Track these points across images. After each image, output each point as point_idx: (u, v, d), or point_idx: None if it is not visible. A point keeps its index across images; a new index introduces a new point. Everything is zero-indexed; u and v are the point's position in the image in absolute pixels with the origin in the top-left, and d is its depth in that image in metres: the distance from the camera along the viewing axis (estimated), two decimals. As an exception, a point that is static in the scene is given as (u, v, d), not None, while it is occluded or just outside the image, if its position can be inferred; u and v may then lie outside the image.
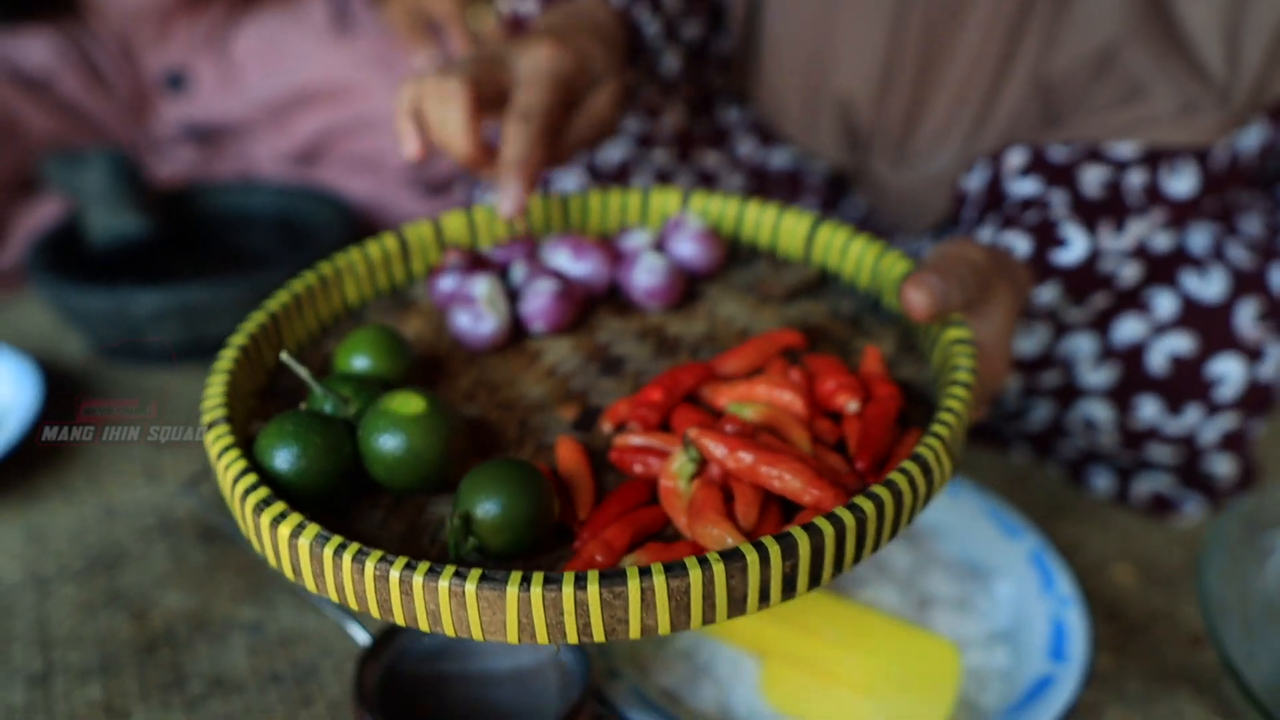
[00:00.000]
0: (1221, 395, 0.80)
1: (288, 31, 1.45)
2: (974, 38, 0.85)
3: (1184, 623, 0.79)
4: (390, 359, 0.58)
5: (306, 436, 0.49)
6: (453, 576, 0.42)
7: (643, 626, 0.43)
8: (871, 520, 0.44)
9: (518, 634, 0.43)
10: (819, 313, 0.65)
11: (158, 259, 1.26)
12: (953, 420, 0.50)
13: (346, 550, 0.44)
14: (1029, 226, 0.70)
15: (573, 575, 0.42)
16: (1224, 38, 0.74)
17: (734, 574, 0.42)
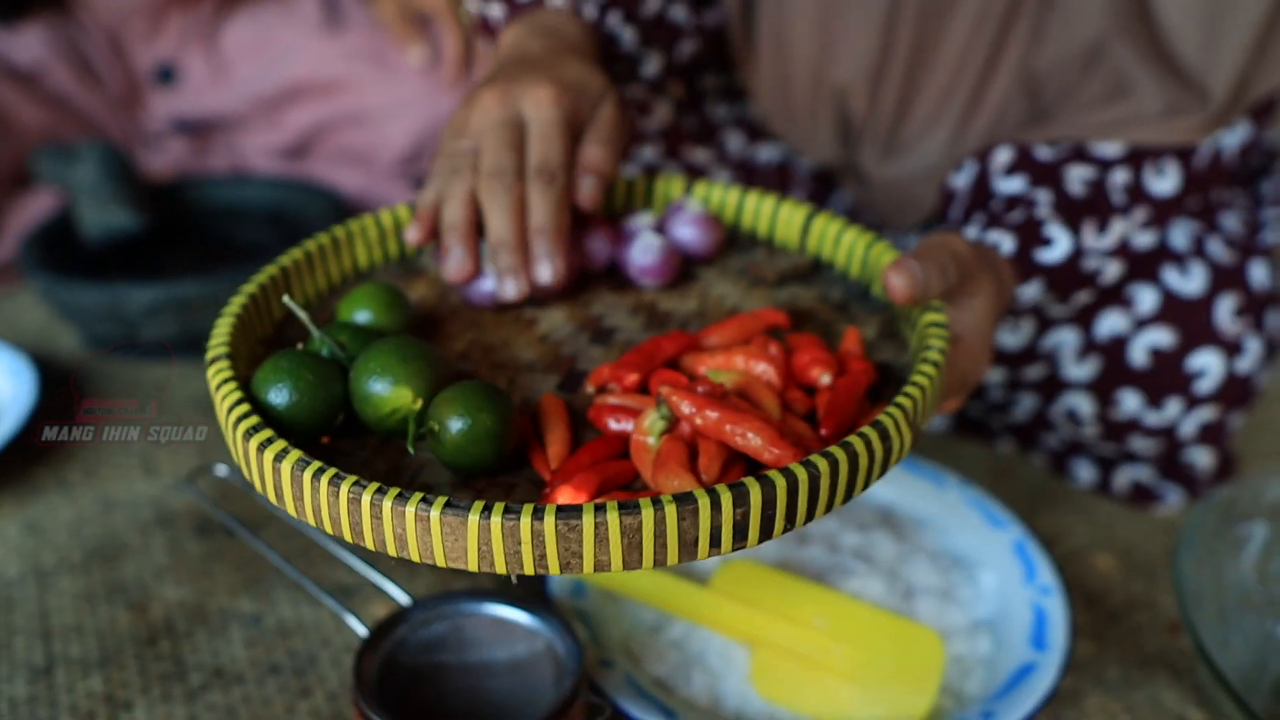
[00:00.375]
0: (1201, 389, 0.82)
1: (278, 26, 1.45)
2: (964, 30, 0.86)
3: (1163, 610, 0.81)
4: (390, 313, 0.61)
5: (298, 373, 0.52)
6: (419, 502, 0.45)
7: (596, 562, 0.45)
8: (825, 477, 0.46)
9: (477, 561, 0.45)
10: (808, 297, 0.67)
11: (150, 252, 1.26)
12: (916, 394, 0.51)
13: (324, 474, 0.47)
14: (1014, 225, 0.71)
15: (531, 506, 0.44)
16: (1203, 41, 0.75)
17: (685, 516, 0.44)
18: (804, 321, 0.64)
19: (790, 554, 0.75)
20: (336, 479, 0.47)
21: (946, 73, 0.89)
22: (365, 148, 1.40)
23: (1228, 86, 0.75)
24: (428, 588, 0.80)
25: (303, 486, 0.48)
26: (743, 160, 1.09)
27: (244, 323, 0.60)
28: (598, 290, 0.69)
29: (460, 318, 0.67)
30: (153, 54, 1.45)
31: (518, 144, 0.65)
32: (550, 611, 0.66)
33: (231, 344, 0.57)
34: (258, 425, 0.50)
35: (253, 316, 0.62)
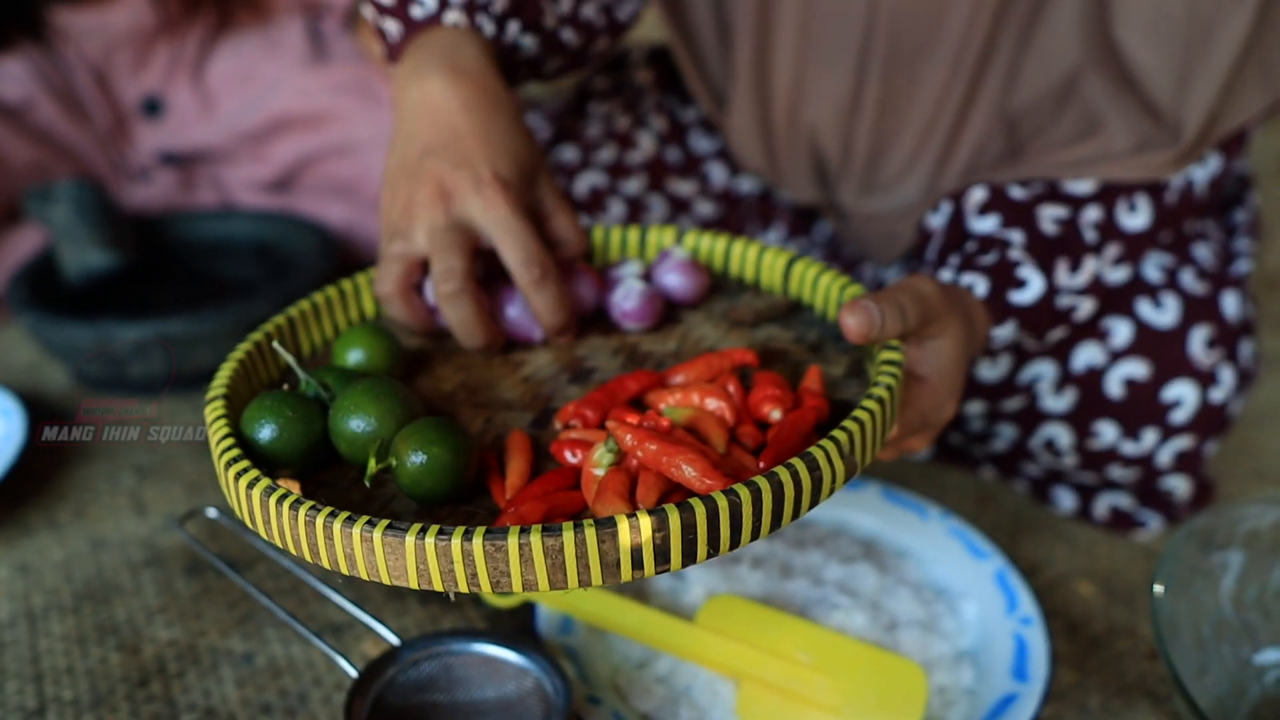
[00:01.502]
0: (1176, 419, 0.83)
1: (263, 58, 1.47)
2: (939, 72, 0.88)
3: (1143, 637, 0.82)
4: (379, 351, 0.65)
5: (280, 410, 0.57)
6: (364, 525, 0.49)
7: (523, 581, 0.47)
8: (747, 505, 0.48)
9: (416, 578, 0.49)
10: (784, 338, 0.69)
11: (137, 288, 1.27)
12: (853, 428, 0.53)
13: (286, 500, 0.51)
14: (987, 267, 0.73)
15: (462, 529, 0.47)
16: (1174, 79, 0.77)
17: (605, 538, 0.47)
18: (776, 360, 0.66)
19: (775, 588, 0.76)
20: (296, 504, 0.51)
21: (923, 114, 0.90)
22: (351, 179, 1.41)
23: (1198, 123, 0.77)
24: (416, 625, 0.81)
25: (269, 511, 0.52)
26: (726, 192, 1.11)
27: (247, 368, 0.64)
28: (586, 333, 0.72)
29: (454, 361, 0.70)
30: (138, 88, 1.46)
31: (467, 246, 0.67)
32: (538, 649, 0.67)
33: (231, 387, 0.61)
34: (236, 457, 0.55)
35: (257, 363, 0.66)
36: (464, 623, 0.81)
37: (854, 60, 0.89)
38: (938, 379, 0.65)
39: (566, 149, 1.09)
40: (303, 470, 0.59)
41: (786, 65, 0.93)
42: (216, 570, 0.86)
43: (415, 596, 0.84)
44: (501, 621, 0.81)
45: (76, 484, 0.99)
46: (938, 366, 0.65)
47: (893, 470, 1.01)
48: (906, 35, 0.87)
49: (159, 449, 1.04)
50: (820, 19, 0.90)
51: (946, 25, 0.86)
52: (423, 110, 0.72)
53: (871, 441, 0.55)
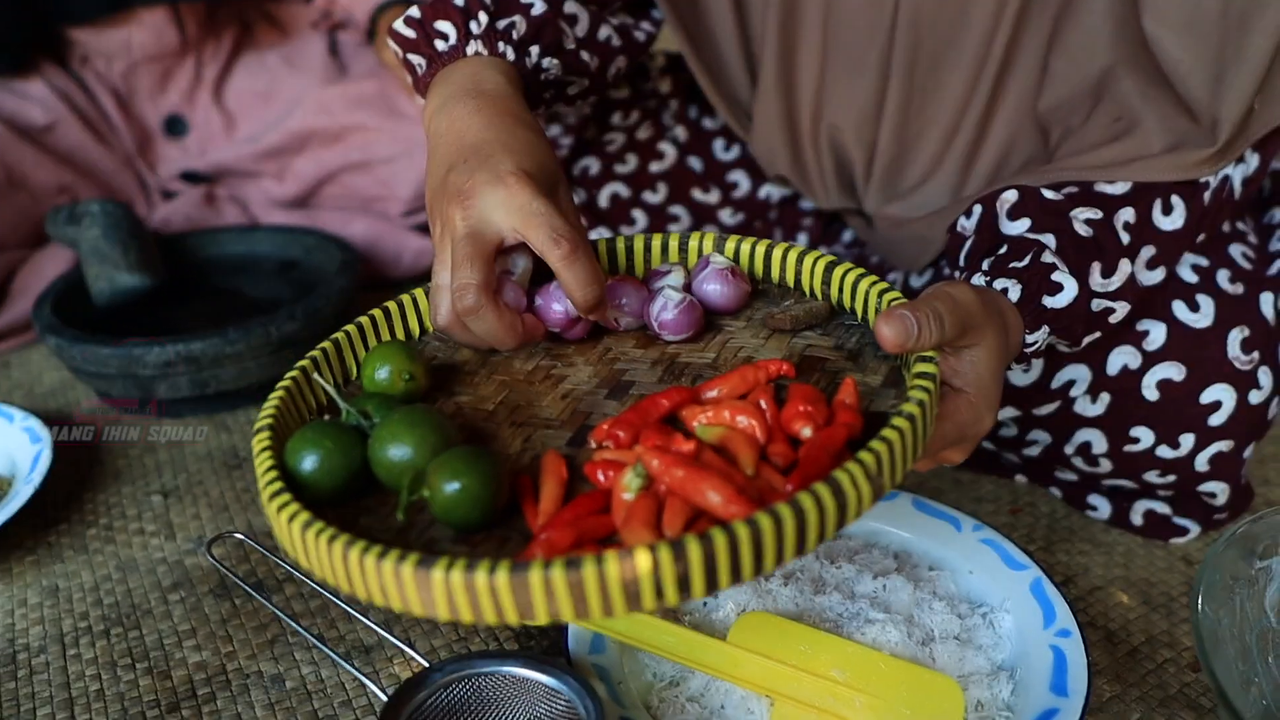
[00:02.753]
0: (1214, 422, 0.82)
1: (283, 75, 1.47)
2: (963, 74, 0.87)
3: (1184, 647, 0.81)
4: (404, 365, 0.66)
5: (320, 442, 0.59)
6: (394, 560, 0.49)
7: (549, 612, 0.48)
8: (769, 534, 0.48)
9: (447, 611, 0.49)
10: (823, 345, 0.68)
11: (162, 307, 1.27)
12: (880, 448, 0.52)
13: (323, 534, 0.52)
14: (1021, 271, 0.71)
15: (487, 563, 0.48)
16: (1210, 78, 0.75)
17: (627, 571, 0.47)
18: (814, 369, 0.65)
19: (807, 603, 0.75)
20: (332, 539, 0.51)
21: (947, 117, 0.89)
22: (373, 194, 1.41)
23: (1234, 121, 0.75)
24: (446, 645, 0.80)
25: (308, 545, 0.53)
26: (749, 200, 1.10)
27: (294, 395, 0.65)
28: (625, 344, 0.72)
29: (495, 380, 0.70)
30: (160, 107, 1.47)
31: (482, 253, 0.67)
32: (570, 670, 0.67)
33: (278, 418, 0.62)
34: (279, 490, 0.56)
35: (305, 390, 0.67)
36: (494, 643, 0.80)
37: (876, 62, 0.88)
38: (975, 390, 0.64)
39: (589, 160, 1.09)
40: (345, 498, 0.59)
41: (811, 68, 0.92)
42: (245, 593, 0.86)
43: (444, 616, 0.83)
44: (531, 641, 0.80)
45: (104, 507, 0.99)
46: (975, 378, 0.64)
47: (924, 480, 1.00)
48: (928, 36, 0.86)
49: (185, 471, 1.04)
50: (841, 20, 0.89)
51: (969, 25, 0.84)
52: (449, 136, 0.72)
53: (901, 461, 0.54)
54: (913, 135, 0.92)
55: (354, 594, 0.52)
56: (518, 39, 0.78)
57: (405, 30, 0.80)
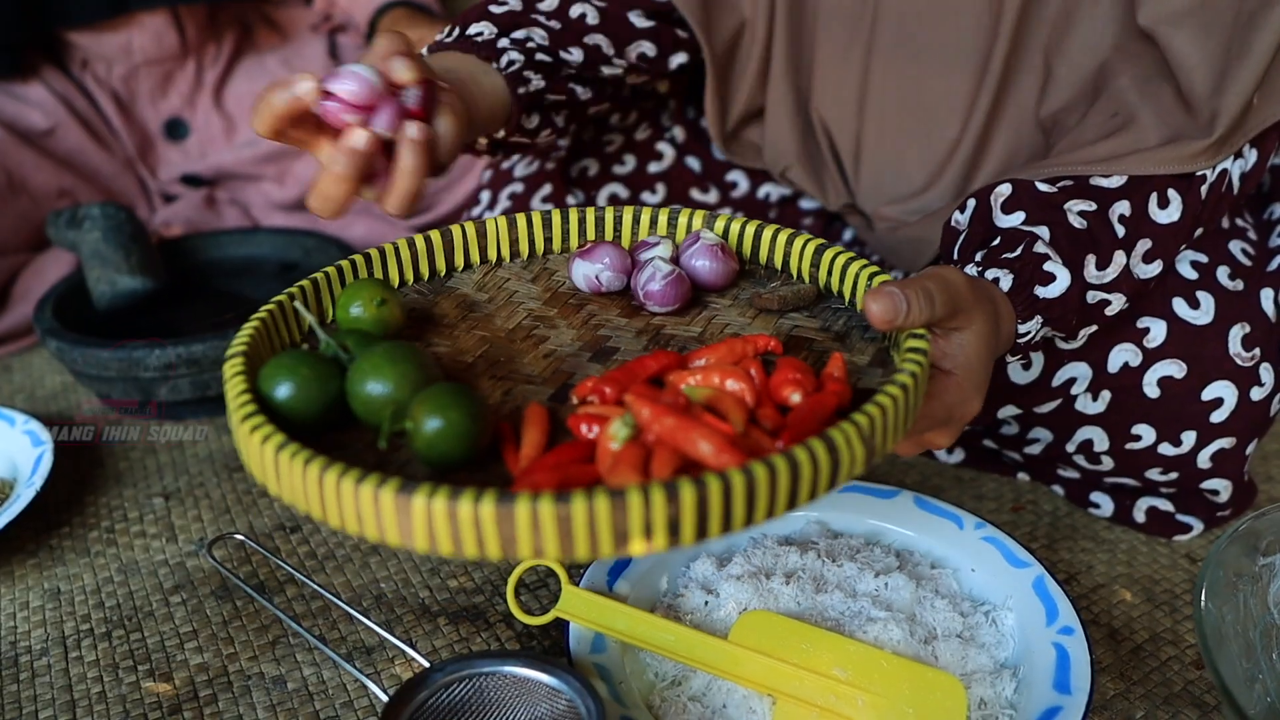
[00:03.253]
0: (1216, 419, 0.82)
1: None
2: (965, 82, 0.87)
3: (1187, 644, 0.80)
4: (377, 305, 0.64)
5: (296, 369, 0.57)
6: (374, 484, 0.48)
7: (533, 548, 0.47)
8: (763, 483, 0.48)
9: (425, 541, 0.48)
10: (810, 326, 0.68)
11: (163, 310, 1.27)
12: (874, 411, 0.52)
13: (298, 456, 0.50)
14: (1013, 261, 0.71)
15: (472, 491, 0.46)
16: (1214, 72, 0.75)
17: (617, 509, 0.46)
18: (800, 348, 0.65)
19: (808, 602, 0.75)
20: (308, 461, 0.50)
21: (948, 126, 0.89)
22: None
23: (1233, 114, 0.75)
24: (447, 646, 0.80)
25: (280, 468, 0.52)
26: (749, 200, 1.10)
27: (269, 328, 0.64)
28: (610, 313, 0.71)
29: (474, 334, 0.69)
30: (160, 112, 1.47)
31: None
32: (571, 670, 0.66)
33: (252, 346, 0.61)
34: (251, 413, 0.54)
35: (280, 324, 0.66)
36: (495, 643, 0.80)
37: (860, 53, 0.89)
38: (963, 373, 0.64)
39: (587, 160, 1.09)
40: (319, 430, 0.58)
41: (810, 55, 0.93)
42: (246, 594, 0.86)
43: (445, 617, 0.83)
44: (533, 641, 0.80)
45: (105, 510, 0.99)
46: (963, 360, 0.64)
47: (926, 477, 1.00)
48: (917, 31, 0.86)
49: (186, 473, 1.04)
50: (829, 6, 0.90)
51: (962, 28, 0.85)
52: None
53: (893, 427, 0.54)
54: (905, 136, 0.92)
55: (326, 520, 0.50)
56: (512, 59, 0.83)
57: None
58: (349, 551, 0.91)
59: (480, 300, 0.73)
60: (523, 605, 0.80)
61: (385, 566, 0.89)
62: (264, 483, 0.54)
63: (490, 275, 0.76)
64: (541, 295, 0.73)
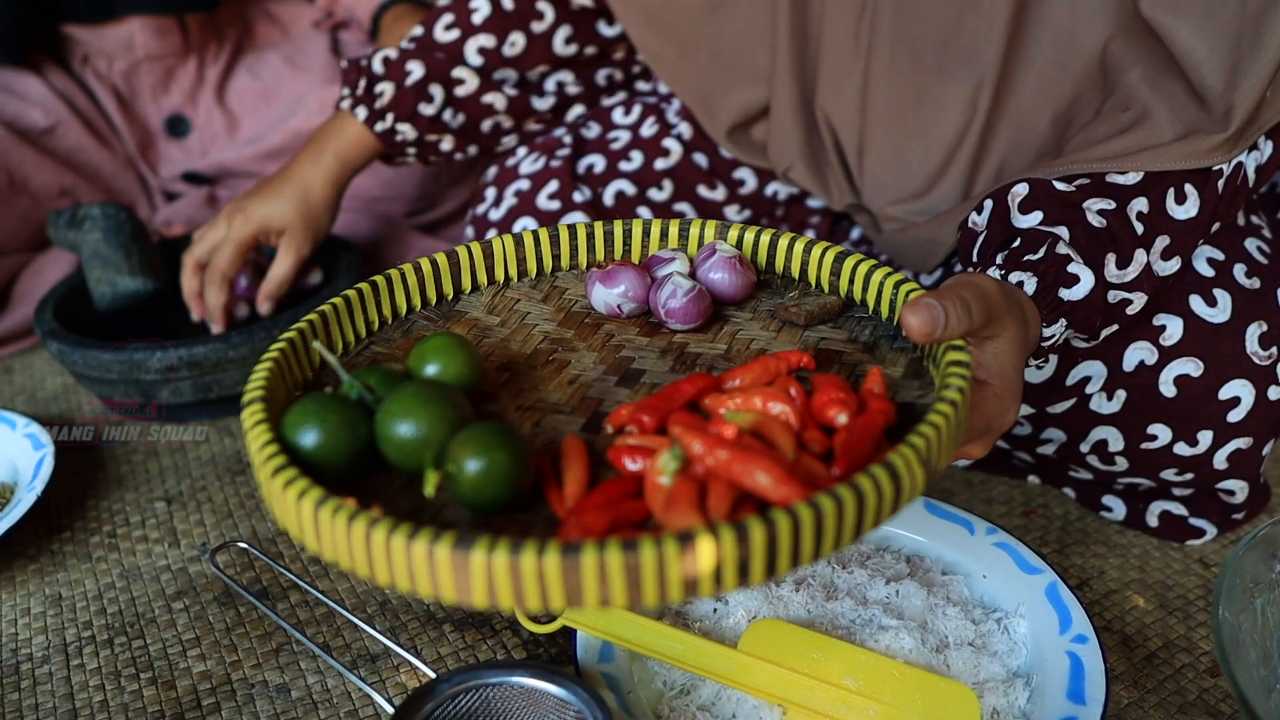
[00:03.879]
0: (1233, 418, 0.80)
1: (285, 75, 1.46)
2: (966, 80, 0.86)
3: (1202, 651, 0.79)
4: (457, 363, 0.60)
5: (325, 415, 0.54)
6: (428, 539, 0.46)
7: (600, 597, 0.45)
8: (830, 517, 0.46)
9: (484, 597, 0.46)
10: (837, 339, 0.66)
11: (162, 310, 1.26)
12: (930, 433, 0.51)
13: (340, 512, 0.48)
14: (1036, 264, 0.70)
15: (535, 544, 0.45)
16: (1224, 65, 0.74)
17: (687, 554, 0.44)
18: (831, 362, 0.64)
19: (819, 610, 0.74)
20: (352, 518, 0.47)
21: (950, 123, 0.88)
22: (377, 195, 1.40)
23: (1248, 107, 0.74)
24: (453, 654, 0.79)
25: (321, 525, 0.49)
26: (756, 196, 1.09)
27: (281, 368, 0.61)
28: (629, 332, 0.69)
29: (493, 360, 0.67)
30: (162, 109, 1.46)
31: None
32: (578, 680, 0.66)
33: (268, 389, 0.58)
34: (283, 465, 0.51)
35: (291, 362, 0.63)
36: (501, 651, 0.79)
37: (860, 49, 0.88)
38: (1000, 382, 0.63)
39: (594, 157, 1.07)
40: (348, 478, 0.55)
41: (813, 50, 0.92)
42: (249, 602, 0.85)
43: (450, 624, 0.82)
44: (540, 649, 0.79)
45: (107, 514, 0.98)
46: (998, 369, 0.63)
47: (936, 481, 0.98)
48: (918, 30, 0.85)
49: (189, 477, 1.03)
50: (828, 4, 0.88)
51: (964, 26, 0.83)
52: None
53: (949, 445, 0.52)
54: (907, 132, 0.91)
55: (373, 578, 0.48)
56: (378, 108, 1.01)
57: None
58: (353, 556, 0.90)
59: (492, 324, 0.70)
60: (528, 613, 0.79)
61: (390, 572, 0.88)
62: (300, 540, 0.51)
63: (499, 297, 0.73)
64: (555, 316, 0.71)
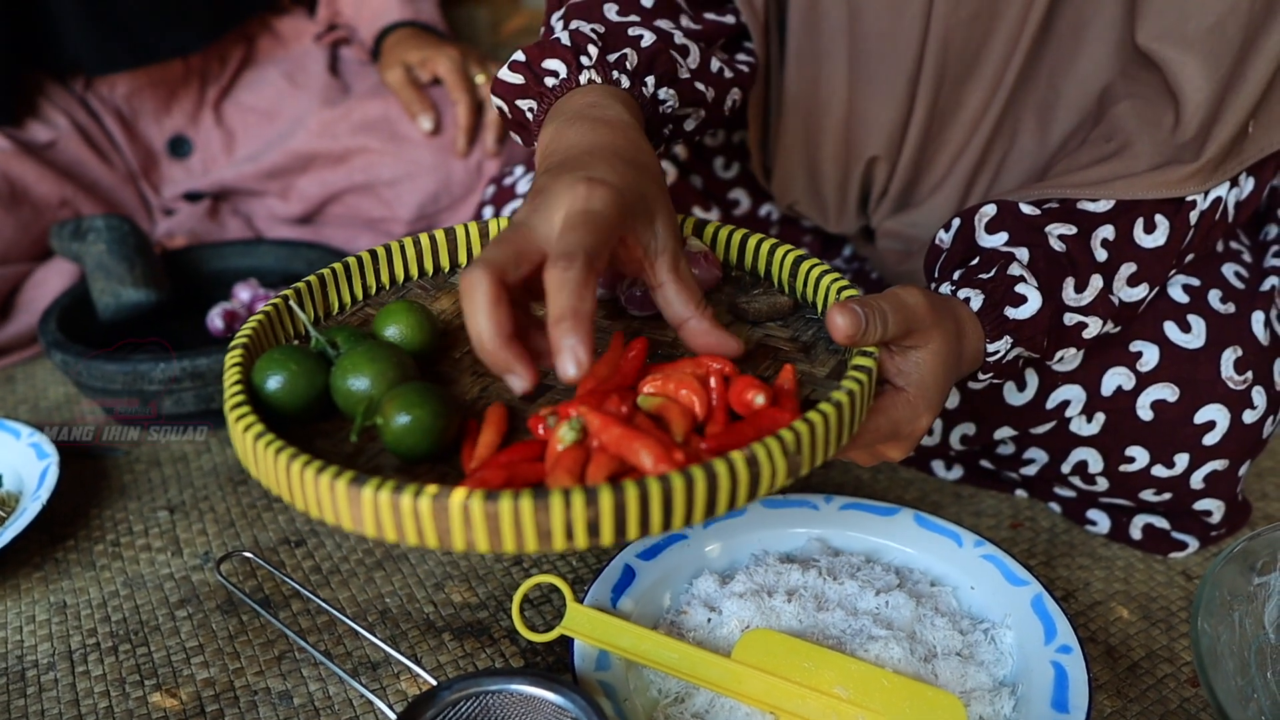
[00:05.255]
0: (1208, 441, 0.83)
1: (286, 93, 1.48)
2: (981, 95, 0.88)
3: (1183, 662, 0.81)
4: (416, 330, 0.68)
5: (286, 364, 0.62)
6: (331, 474, 0.53)
7: (466, 540, 0.51)
8: (679, 493, 0.51)
9: (374, 527, 0.53)
10: (781, 336, 0.70)
11: (165, 322, 1.28)
12: (801, 429, 0.55)
13: (272, 446, 0.56)
14: (985, 281, 0.73)
15: (414, 487, 0.51)
16: (1214, 98, 0.75)
17: (540, 509, 0.50)
18: (766, 358, 0.68)
19: (810, 620, 0.76)
20: (279, 451, 0.55)
21: (957, 137, 0.90)
22: (377, 215, 1.41)
23: (1222, 142, 0.76)
24: (451, 661, 0.81)
25: (258, 455, 0.57)
26: (750, 218, 1.11)
27: (272, 321, 0.69)
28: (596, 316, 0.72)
29: (462, 335, 0.70)
30: (164, 130, 1.47)
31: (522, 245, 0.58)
32: (577, 689, 0.67)
33: (253, 339, 0.66)
34: (240, 403, 0.60)
35: (284, 318, 0.71)
36: (500, 660, 0.81)
37: (905, 86, 0.88)
38: (915, 390, 0.66)
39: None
40: (305, 419, 0.63)
41: (838, 99, 0.92)
42: (251, 609, 0.87)
43: (450, 632, 0.84)
44: (537, 657, 0.81)
45: (111, 523, 1.00)
46: (917, 378, 0.66)
47: (925, 494, 1.01)
48: (955, 59, 0.86)
49: (191, 486, 1.05)
50: (868, 48, 0.89)
51: (991, 48, 0.85)
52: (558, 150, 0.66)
53: (822, 444, 0.57)
54: (929, 155, 0.93)
55: (294, 504, 0.56)
56: (631, 69, 0.75)
57: (511, 76, 0.75)
58: (354, 566, 0.92)
59: None
60: (527, 621, 0.81)
61: (390, 582, 0.90)
62: (246, 466, 0.59)
63: None
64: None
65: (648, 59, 0.76)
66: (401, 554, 0.93)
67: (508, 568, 0.91)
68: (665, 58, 0.77)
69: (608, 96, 0.72)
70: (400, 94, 1.38)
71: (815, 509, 0.87)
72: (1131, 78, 0.80)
